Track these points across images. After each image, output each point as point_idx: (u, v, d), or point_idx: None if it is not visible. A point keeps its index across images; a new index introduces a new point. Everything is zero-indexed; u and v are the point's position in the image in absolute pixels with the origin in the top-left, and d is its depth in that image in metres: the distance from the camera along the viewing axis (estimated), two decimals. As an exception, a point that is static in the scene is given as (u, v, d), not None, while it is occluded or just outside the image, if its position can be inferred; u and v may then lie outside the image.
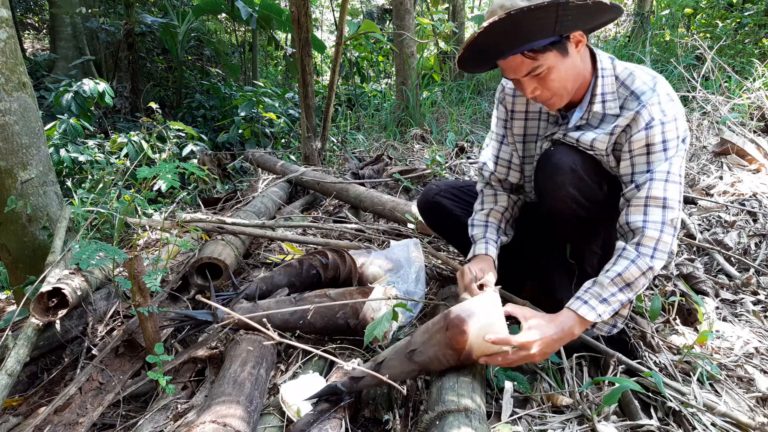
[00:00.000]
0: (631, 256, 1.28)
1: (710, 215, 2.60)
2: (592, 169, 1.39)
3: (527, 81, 1.31)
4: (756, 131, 3.51)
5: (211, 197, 3.46)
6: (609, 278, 1.29)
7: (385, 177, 3.41)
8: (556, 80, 1.29)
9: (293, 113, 6.63)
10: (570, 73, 1.30)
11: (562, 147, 1.42)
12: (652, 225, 1.28)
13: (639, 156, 1.31)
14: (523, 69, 1.28)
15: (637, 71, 1.35)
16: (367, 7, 11.66)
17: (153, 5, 9.41)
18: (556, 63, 1.27)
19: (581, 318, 1.27)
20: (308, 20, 3.60)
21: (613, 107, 1.35)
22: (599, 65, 1.36)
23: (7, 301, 2.33)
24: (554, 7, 1.15)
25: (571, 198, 1.37)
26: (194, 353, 1.57)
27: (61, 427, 1.35)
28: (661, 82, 1.33)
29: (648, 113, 1.28)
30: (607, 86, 1.36)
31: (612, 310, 1.29)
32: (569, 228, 1.45)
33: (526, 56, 1.25)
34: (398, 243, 1.98)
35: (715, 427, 1.26)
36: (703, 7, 6.71)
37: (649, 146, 1.29)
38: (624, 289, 1.29)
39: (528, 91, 1.33)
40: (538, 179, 1.46)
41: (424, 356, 1.26)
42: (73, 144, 4.10)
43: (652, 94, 1.30)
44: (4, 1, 1.84)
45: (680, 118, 1.30)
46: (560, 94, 1.33)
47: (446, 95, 6.11)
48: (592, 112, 1.38)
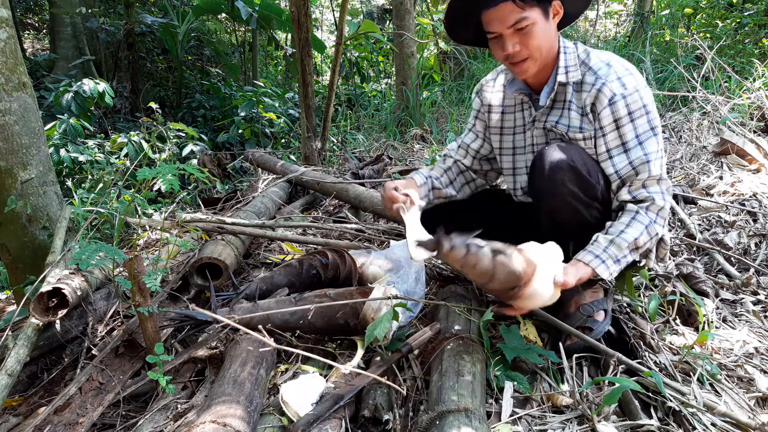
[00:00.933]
0: (645, 221, 1.37)
1: (710, 215, 2.60)
2: (589, 164, 1.42)
3: (510, 35, 1.39)
4: (756, 131, 3.51)
5: (211, 197, 3.46)
6: (626, 242, 1.36)
7: (385, 177, 3.41)
8: (536, 39, 1.39)
9: (293, 113, 6.63)
10: (546, 37, 1.41)
11: (556, 145, 1.44)
12: (657, 196, 1.38)
13: (611, 133, 1.40)
14: (510, 18, 1.36)
15: (594, 51, 1.48)
16: (367, 7, 11.66)
17: (153, 5, 9.41)
18: (539, 21, 1.37)
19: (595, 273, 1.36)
20: (308, 20, 3.60)
21: (576, 75, 1.45)
22: (562, 44, 1.48)
23: (7, 301, 2.33)
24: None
25: (572, 195, 1.39)
26: (194, 353, 1.57)
27: (61, 427, 1.35)
28: (615, 58, 1.44)
29: (609, 90, 1.37)
30: (570, 60, 1.47)
31: (619, 269, 1.38)
32: (570, 226, 1.45)
33: (517, 4, 1.34)
34: (398, 243, 1.98)
35: (715, 427, 1.26)
36: (703, 7, 6.71)
37: (617, 121, 1.38)
38: (633, 252, 1.39)
39: (509, 45, 1.40)
40: (536, 180, 1.46)
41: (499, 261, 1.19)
42: (73, 144, 4.10)
43: (608, 70, 1.40)
44: (4, 1, 1.84)
45: (642, 89, 1.39)
46: (536, 56, 1.42)
47: (446, 95, 6.11)
48: (557, 83, 1.47)
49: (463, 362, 1.34)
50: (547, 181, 1.41)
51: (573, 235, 1.49)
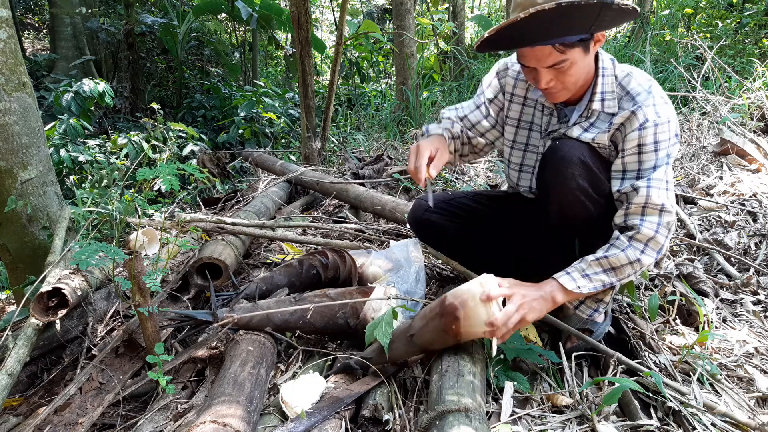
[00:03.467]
0: (622, 246, 1.35)
1: (710, 215, 2.60)
2: (599, 161, 1.40)
3: (546, 72, 1.33)
4: (756, 131, 3.51)
5: (211, 197, 3.46)
6: (596, 257, 1.37)
7: (385, 177, 3.41)
8: (573, 75, 1.33)
9: (293, 113, 6.63)
10: (584, 70, 1.35)
11: (568, 141, 1.42)
12: (648, 225, 1.33)
13: (631, 155, 1.36)
14: (549, 60, 1.29)
15: (635, 73, 1.40)
16: (367, 7, 11.67)
17: (153, 5, 9.42)
18: (578, 59, 1.30)
19: (561, 286, 1.34)
20: (308, 20, 3.60)
21: (612, 106, 1.39)
22: (601, 64, 1.40)
23: (7, 301, 2.33)
24: (599, 6, 1.18)
25: (581, 190, 1.37)
26: (194, 353, 1.57)
27: (61, 427, 1.35)
28: (655, 85, 1.37)
29: (643, 114, 1.32)
30: (607, 85, 1.40)
31: (593, 287, 1.36)
32: (577, 222, 1.44)
33: (557, 48, 1.27)
34: (397, 243, 1.98)
35: (715, 427, 1.26)
36: (703, 7, 6.71)
37: (641, 146, 1.34)
38: (608, 272, 1.36)
39: (543, 81, 1.34)
40: (545, 175, 1.44)
41: (422, 339, 1.35)
42: (73, 144, 4.10)
43: (648, 96, 1.34)
44: (4, 1, 1.84)
45: (673, 121, 1.35)
46: (571, 89, 1.37)
47: (446, 95, 6.10)
48: (591, 110, 1.41)
49: (463, 362, 1.34)
50: (556, 176, 1.39)
51: (579, 231, 1.49)
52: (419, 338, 1.36)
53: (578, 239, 1.51)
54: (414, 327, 1.38)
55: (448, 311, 1.29)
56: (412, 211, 1.85)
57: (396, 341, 1.39)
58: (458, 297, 1.30)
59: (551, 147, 1.44)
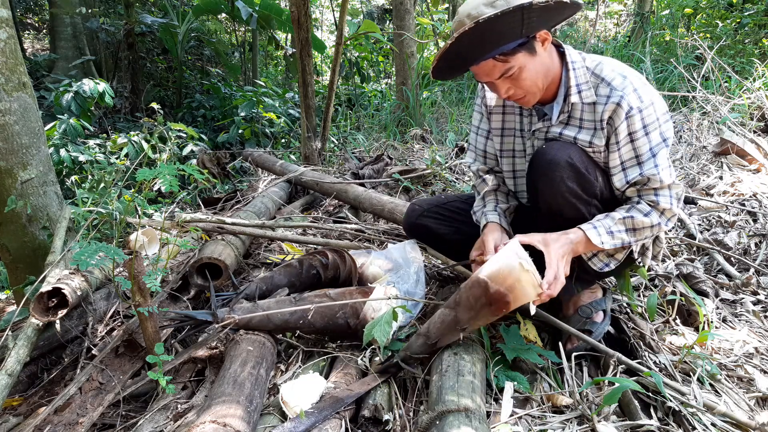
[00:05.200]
0: (645, 210, 1.40)
1: (710, 215, 2.60)
2: (587, 161, 1.42)
3: (500, 82, 1.37)
4: (756, 131, 3.51)
5: (211, 197, 3.46)
6: (621, 216, 1.40)
7: (385, 177, 3.41)
8: (528, 79, 1.36)
9: (293, 113, 6.63)
10: (540, 70, 1.38)
11: (555, 142, 1.44)
12: (663, 199, 1.40)
13: (625, 146, 1.39)
14: (495, 72, 1.34)
15: (605, 60, 1.43)
16: (367, 7, 11.66)
17: (153, 5, 9.42)
18: (526, 62, 1.34)
19: (587, 238, 1.38)
20: (308, 20, 3.60)
21: (589, 96, 1.41)
22: (568, 59, 1.43)
23: (7, 301, 2.33)
24: (519, 11, 1.22)
25: (571, 192, 1.39)
26: (194, 353, 1.57)
27: (61, 427, 1.35)
28: (628, 69, 1.41)
29: (627, 103, 1.34)
30: (581, 77, 1.42)
31: (613, 244, 1.40)
32: (570, 225, 1.44)
33: (498, 60, 1.32)
34: (396, 245, 1.98)
35: (715, 427, 1.26)
36: (703, 7, 6.71)
37: (632, 134, 1.37)
38: (629, 231, 1.41)
39: (502, 91, 1.39)
40: (534, 178, 1.46)
41: (473, 327, 1.40)
42: (73, 144, 4.10)
43: (624, 81, 1.36)
44: (4, 1, 1.84)
45: (657, 101, 1.37)
46: (533, 91, 1.40)
47: (446, 95, 6.11)
48: (570, 104, 1.43)
49: (463, 362, 1.34)
50: (545, 179, 1.40)
51: None
52: (471, 328, 1.40)
53: None
54: (463, 320, 1.37)
55: (497, 298, 1.30)
56: (407, 216, 1.86)
57: (447, 335, 1.40)
58: (503, 283, 1.30)
59: (539, 150, 1.45)
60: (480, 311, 1.34)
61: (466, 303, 1.37)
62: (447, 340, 1.41)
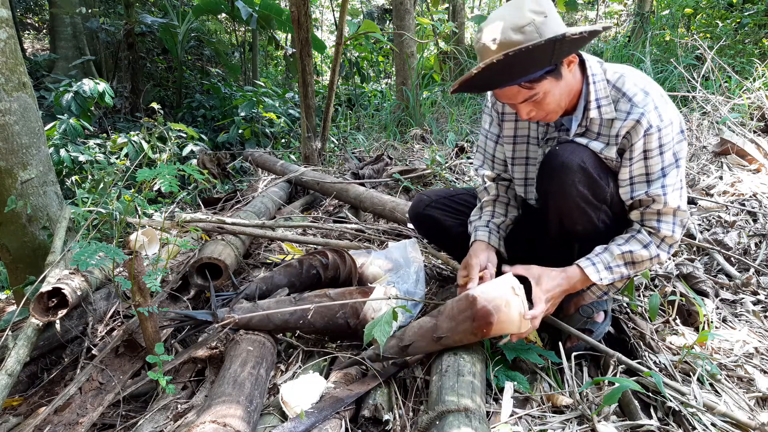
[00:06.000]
0: (645, 242, 1.39)
1: (710, 215, 2.60)
2: (600, 166, 1.39)
3: (523, 105, 1.34)
4: (756, 131, 3.51)
5: (211, 197, 3.46)
6: (620, 251, 1.40)
7: (385, 177, 3.41)
8: (551, 102, 1.33)
9: (293, 113, 6.63)
10: (564, 92, 1.34)
11: (568, 145, 1.40)
12: (665, 226, 1.38)
13: (637, 162, 1.35)
14: (519, 97, 1.31)
15: (627, 72, 1.38)
16: (367, 7, 11.66)
17: (153, 5, 9.42)
18: (552, 88, 1.30)
19: (585, 276, 1.40)
20: (308, 20, 3.60)
21: (609, 111, 1.37)
22: (589, 71, 1.38)
23: (7, 301, 2.33)
24: (551, 44, 1.17)
25: (581, 197, 1.36)
26: (194, 353, 1.57)
27: (61, 427, 1.35)
28: (650, 83, 1.36)
29: (647, 120, 1.30)
30: (601, 91, 1.37)
31: (613, 278, 1.41)
32: (578, 229, 1.43)
33: (523, 87, 1.28)
34: (396, 244, 1.98)
35: (715, 427, 1.26)
36: (703, 7, 6.71)
37: (647, 152, 1.33)
38: (628, 265, 1.41)
39: (524, 113, 1.35)
40: (544, 180, 1.43)
41: (449, 340, 1.38)
42: (73, 144, 4.10)
43: (646, 98, 1.32)
44: (4, 1, 1.84)
45: (675, 121, 1.33)
46: (555, 111, 1.36)
47: (446, 95, 6.10)
48: (589, 119, 1.39)
49: (463, 362, 1.34)
50: (556, 182, 1.38)
51: (579, 239, 1.48)
52: (446, 339, 1.38)
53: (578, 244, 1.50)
54: (441, 328, 1.38)
55: (482, 315, 1.31)
56: (413, 205, 1.83)
57: (420, 341, 1.40)
58: (491, 301, 1.31)
59: (551, 152, 1.42)
60: (461, 324, 1.35)
61: (450, 312, 1.38)
62: (420, 347, 1.41)
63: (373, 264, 1.90)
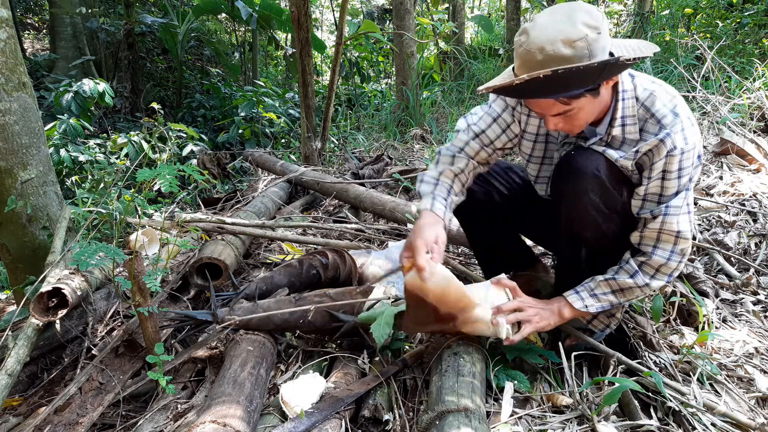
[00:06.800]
0: (631, 272, 1.37)
1: (710, 215, 2.60)
2: (614, 175, 1.35)
3: (552, 118, 1.29)
4: (756, 131, 3.51)
5: (211, 197, 3.46)
6: (605, 278, 1.40)
7: (385, 177, 3.41)
8: (582, 118, 1.28)
9: (293, 113, 6.63)
10: (597, 108, 1.30)
11: (584, 151, 1.37)
12: (660, 253, 1.34)
13: (655, 182, 1.31)
14: (553, 110, 1.26)
15: (658, 91, 1.32)
16: (367, 7, 11.66)
17: (153, 5, 9.42)
18: (587, 105, 1.25)
19: (569, 304, 1.41)
20: (308, 20, 3.60)
21: (633, 131, 1.32)
22: (620, 87, 1.32)
23: (7, 301, 2.33)
24: (603, 66, 1.13)
25: (592, 205, 1.34)
26: (194, 353, 1.57)
27: (61, 427, 1.35)
28: (680, 103, 1.30)
29: (671, 141, 1.26)
30: (628, 109, 1.32)
31: (601, 306, 1.41)
32: (586, 235, 1.41)
33: (560, 101, 1.23)
34: (397, 243, 1.98)
35: (715, 427, 1.26)
36: (703, 7, 6.71)
37: (666, 172, 1.29)
38: (616, 293, 1.40)
39: (551, 125, 1.31)
40: (558, 183, 1.41)
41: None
42: (73, 144, 4.10)
43: (674, 119, 1.27)
44: (4, 1, 1.84)
45: (698, 145, 1.30)
46: (582, 126, 1.32)
47: (446, 95, 6.11)
48: (611, 135, 1.35)
49: (463, 362, 1.34)
50: (570, 188, 1.35)
51: (588, 244, 1.46)
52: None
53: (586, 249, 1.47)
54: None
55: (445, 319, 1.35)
56: None
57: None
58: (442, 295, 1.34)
59: (566, 156, 1.40)
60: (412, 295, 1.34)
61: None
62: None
63: (373, 264, 1.90)
